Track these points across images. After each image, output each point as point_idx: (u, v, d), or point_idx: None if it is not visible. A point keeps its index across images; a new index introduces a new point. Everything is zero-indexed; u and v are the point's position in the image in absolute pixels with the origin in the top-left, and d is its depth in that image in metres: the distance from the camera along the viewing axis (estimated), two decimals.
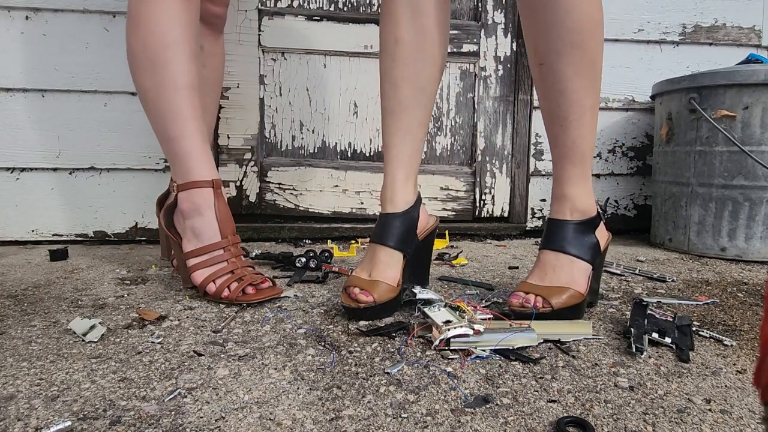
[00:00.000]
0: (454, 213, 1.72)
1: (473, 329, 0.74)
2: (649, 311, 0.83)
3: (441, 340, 0.74)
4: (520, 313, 0.84)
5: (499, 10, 1.69)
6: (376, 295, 0.86)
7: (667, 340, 0.78)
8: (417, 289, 0.90)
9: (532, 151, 1.74)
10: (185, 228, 0.98)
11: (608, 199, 1.79)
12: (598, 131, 1.75)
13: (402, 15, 0.90)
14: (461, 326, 0.74)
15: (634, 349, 0.74)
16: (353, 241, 1.54)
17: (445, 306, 0.82)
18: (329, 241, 1.57)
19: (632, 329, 0.79)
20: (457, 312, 0.79)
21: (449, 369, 0.69)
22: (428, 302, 0.85)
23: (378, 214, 0.98)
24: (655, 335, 0.78)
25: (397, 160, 0.93)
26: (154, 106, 0.98)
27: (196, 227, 0.97)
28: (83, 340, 0.78)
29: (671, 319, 0.82)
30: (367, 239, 1.47)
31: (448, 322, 0.76)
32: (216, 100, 1.30)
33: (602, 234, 0.92)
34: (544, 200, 1.76)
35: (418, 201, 0.96)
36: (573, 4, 0.81)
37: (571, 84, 0.85)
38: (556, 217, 0.91)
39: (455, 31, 1.67)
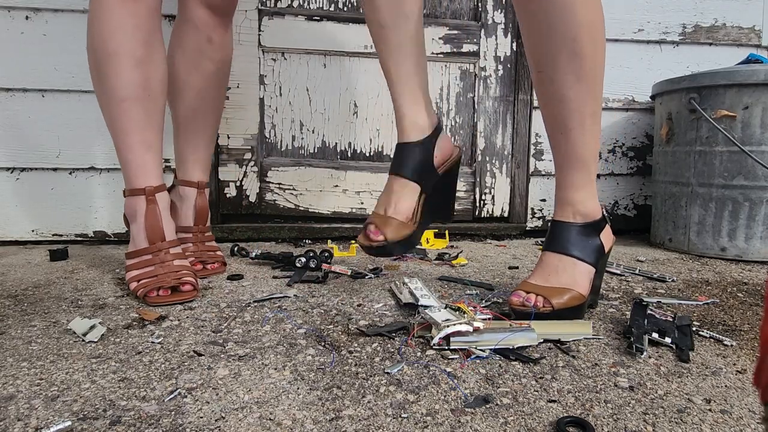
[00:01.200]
0: (454, 213, 1.72)
1: (472, 326, 0.75)
2: (649, 311, 0.83)
3: (440, 337, 0.74)
4: (521, 312, 0.83)
5: (499, 10, 1.69)
6: (387, 232, 0.87)
7: (667, 340, 0.78)
8: (419, 293, 0.90)
9: (532, 151, 1.74)
10: (131, 230, 1.05)
11: (616, 202, 1.79)
12: None
13: None
14: (460, 323, 0.74)
15: (634, 350, 0.74)
16: (353, 241, 1.54)
17: (446, 307, 0.82)
18: (329, 241, 1.57)
19: (633, 329, 0.79)
20: (458, 312, 0.79)
21: (449, 369, 0.69)
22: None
23: None
24: (655, 335, 0.78)
25: (398, 84, 0.89)
26: (103, 113, 1.04)
27: (132, 232, 1.04)
28: (83, 340, 0.78)
29: (671, 319, 0.82)
30: None
31: (447, 320, 0.76)
32: (221, 96, 1.26)
33: (607, 237, 0.91)
34: (544, 200, 1.76)
35: (437, 130, 0.93)
36: (570, 11, 0.78)
37: (570, 92, 0.83)
38: (559, 219, 0.90)
39: (455, 31, 1.67)
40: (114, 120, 1.01)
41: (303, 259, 1.18)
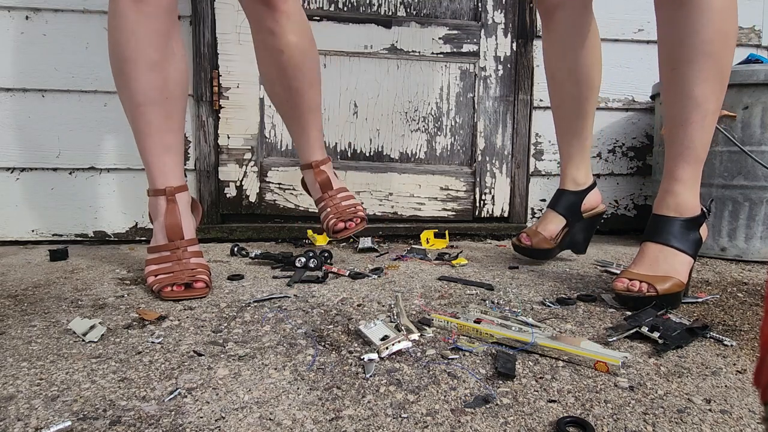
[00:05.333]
0: (454, 213, 1.72)
1: (410, 340, 0.75)
2: (665, 314, 0.86)
3: (383, 357, 0.73)
4: (626, 297, 0.92)
5: (499, 10, 1.69)
6: (534, 240, 1.25)
7: (656, 334, 0.79)
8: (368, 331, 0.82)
9: (532, 151, 1.74)
10: (153, 227, 1.10)
11: (616, 202, 1.79)
12: (598, 131, 1.75)
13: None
14: (399, 341, 0.74)
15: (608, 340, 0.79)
16: (314, 234, 1.54)
17: (381, 320, 0.81)
18: (309, 231, 1.56)
19: (626, 321, 0.82)
20: (394, 325, 0.79)
21: (449, 369, 0.69)
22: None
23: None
24: (645, 329, 0.80)
25: (566, 155, 1.26)
26: (126, 116, 1.07)
27: (154, 228, 1.09)
28: (83, 340, 0.78)
29: (685, 323, 0.83)
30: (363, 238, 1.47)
31: (385, 337, 0.75)
32: (310, 77, 1.22)
33: (704, 231, 1.00)
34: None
35: (590, 188, 1.27)
36: (710, 18, 0.89)
37: (698, 89, 0.93)
38: (661, 213, 0.99)
39: (455, 31, 1.67)
40: (134, 123, 1.05)
41: (303, 259, 1.18)
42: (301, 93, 1.22)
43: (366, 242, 1.46)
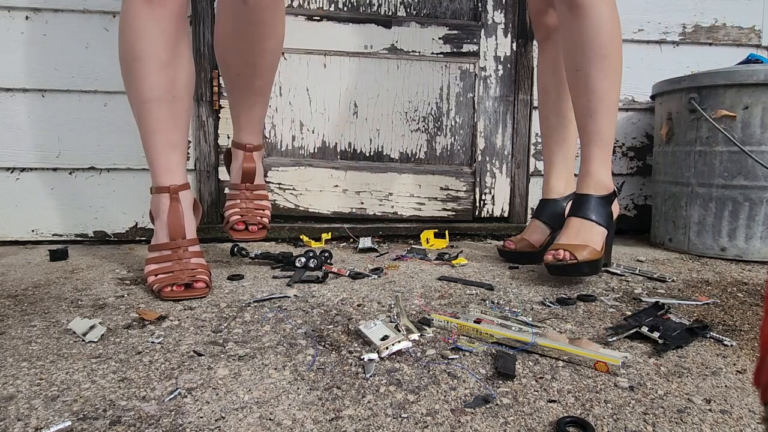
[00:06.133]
0: (454, 213, 1.72)
1: (410, 340, 0.75)
2: (665, 314, 0.86)
3: (383, 357, 0.73)
4: (553, 266, 1.06)
5: (499, 10, 1.69)
6: (517, 245, 1.30)
7: (656, 334, 0.78)
8: (368, 331, 0.81)
9: (532, 151, 1.74)
10: (155, 226, 1.10)
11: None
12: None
13: None
14: (399, 341, 0.74)
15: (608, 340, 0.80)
16: (323, 234, 1.54)
17: (381, 320, 0.81)
18: (304, 236, 1.57)
19: (626, 321, 0.83)
20: (394, 325, 0.79)
21: (449, 369, 0.69)
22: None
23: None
24: (645, 329, 0.80)
25: (551, 167, 1.33)
26: (133, 114, 1.08)
27: (156, 227, 1.09)
28: (83, 340, 0.78)
29: (685, 323, 0.83)
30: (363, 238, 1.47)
31: (385, 337, 0.75)
32: (268, 59, 1.19)
33: (615, 207, 1.17)
34: None
35: (570, 196, 1.29)
36: (602, 26, 1.08)
37: (600, 85, 1.10)
38: (582, 191, 1.14)
39: (455, 31, 1.67)
40: (141, 120, 1.06)
41: (303, 259, 1.18)
42: (259, 72, 1.17)
43: (366, 242, 1.46)
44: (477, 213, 1.74)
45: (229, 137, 1.61)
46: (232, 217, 1.20)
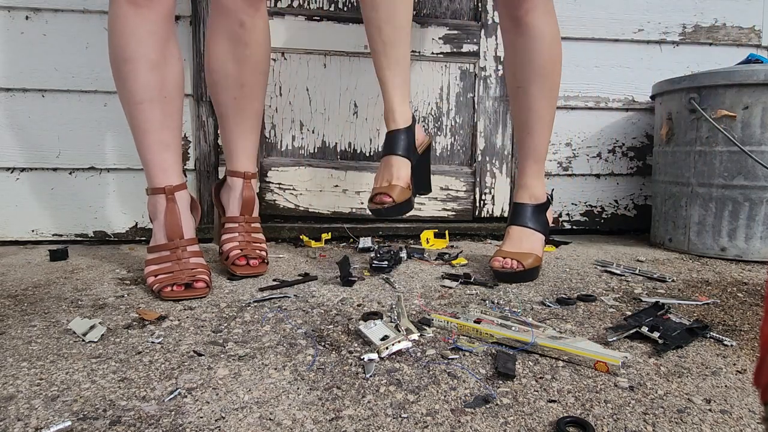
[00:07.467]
0: (454, 213, 1.72)
1: (410, 340, 0.75)
2: (665, 314, 0.86)
3: (383, 357, 0.73)
4: (502, 273, 1.10)
5: None
6: (394, 195, 1.07)
7: (656, 334, 0.78)
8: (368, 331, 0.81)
9: None
10: (153, 227, 1.10)
11: (616, 202, 1.79)
12: (598, 131, 1.76)
13: None
14: (399, 341, 0.74)
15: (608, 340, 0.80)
16: (324, 234, 1.54)
17: (381, 319, 0.81)
18: (304, 237, 1.56)
19: (626, 321, 0.83)
20: (394, 325, 0.79)
21: (449, 369, 0.69)
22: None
23: None
24: (645, 329, 0.80)
25: (392, 87, 1.12)
26: (125, 115, 1.08)
27: (154, 228, 1.09)
28: (83, 340, 0.78)
29: (685, 323, 0.83)
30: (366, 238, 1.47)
31: (385, 337, 0.75)
32: (261, 82, 1.22)
33: (549, 215, 1.24)
34: None
35: (414, 121, 1.16)
36: (543, 47, 1.13)
37: (538, 104, 1.16)
38: (520, 201, 1.21)
39: (455, 31, 1.67)
40: (133, 121, 1.06)
41: (373, 247, 1.30)
42: (254, 94, 1.20)
43: (366, 242, 1.46)
44: (477, 213, 1.74)
45: None
46: (232, 252, 1.15)
